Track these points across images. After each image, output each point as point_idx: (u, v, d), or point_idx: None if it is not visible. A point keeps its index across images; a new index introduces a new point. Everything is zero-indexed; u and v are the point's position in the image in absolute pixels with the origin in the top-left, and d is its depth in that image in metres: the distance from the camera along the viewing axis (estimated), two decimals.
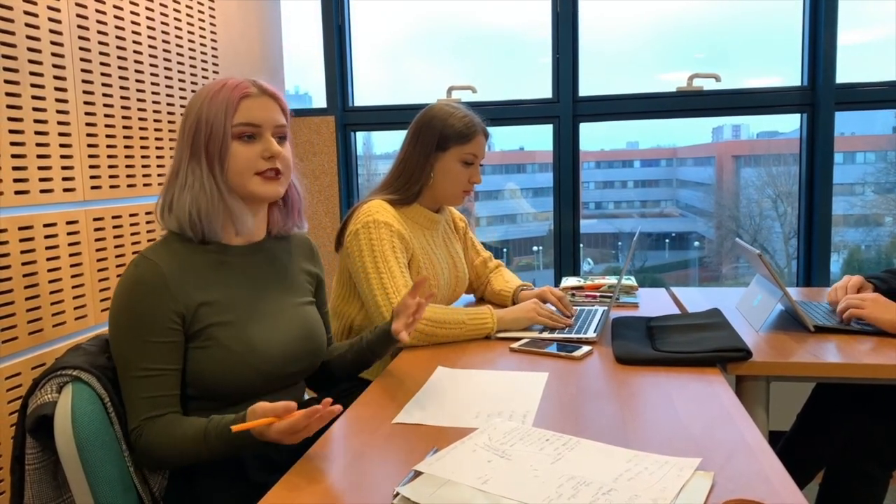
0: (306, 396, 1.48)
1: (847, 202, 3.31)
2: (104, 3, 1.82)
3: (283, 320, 1.32)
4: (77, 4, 1.72)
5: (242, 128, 1.24)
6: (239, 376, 1.23)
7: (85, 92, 1.74)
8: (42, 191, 1.61)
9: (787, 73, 2.91)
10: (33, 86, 1.58)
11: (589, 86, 2.97)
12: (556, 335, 1.68)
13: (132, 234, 1.91)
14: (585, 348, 1.56)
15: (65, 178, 1.68)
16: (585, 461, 0.98)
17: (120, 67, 1.88)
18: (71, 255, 1.69)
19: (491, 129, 1.93)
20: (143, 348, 1.16)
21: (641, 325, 1.73)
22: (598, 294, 2.11)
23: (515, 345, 1.61)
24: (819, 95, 2.77)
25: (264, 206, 1.35)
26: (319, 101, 3.18)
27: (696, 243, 3.96)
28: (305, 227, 1.47)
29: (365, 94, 3.21)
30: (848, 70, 2.74)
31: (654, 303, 2.07)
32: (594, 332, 1.68)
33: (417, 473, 0.96)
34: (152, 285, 1.18)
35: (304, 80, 3.33)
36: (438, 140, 1.83)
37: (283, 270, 1.38)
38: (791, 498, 0.88)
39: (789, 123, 3.02)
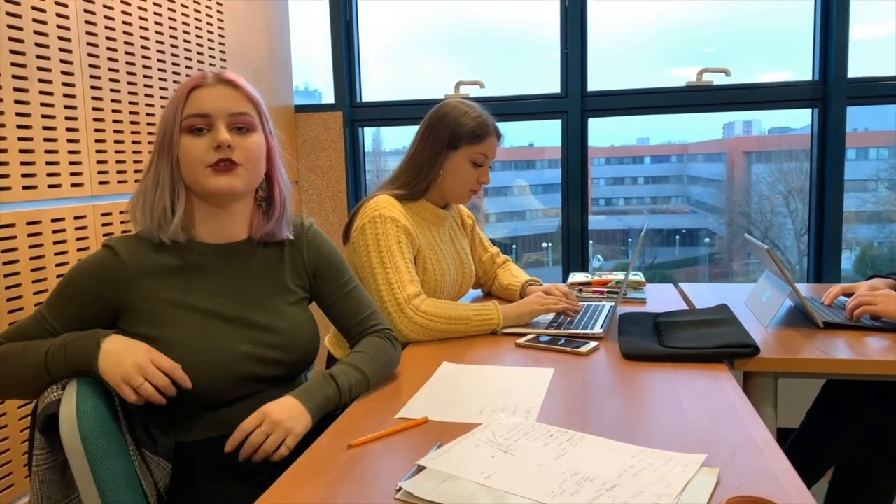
0: None
1: (859, 198, 3.27)
2: None
3: (256, 323, 1.26)
4: (85, 0, 1.72)
5: (190, 119, 1.20)
6: (208, 376, 1.19)
7: (93, 87, 1.75)
8: (50, 186, 1.62)
9: (798, 67, 2.88)
10: (41, 81, 1.59)
11: (598, 81, 2.96)
12: (562, 331, 1.67)
13: None
14: (592, 344, 1.55)
15: (73, 174, 1.69)
16: (589, 457, 0.98)
17: (128, 63, 1.88)
18: (79, 249, 1.70)
19: (499, 125, 1.90)
20: (56, 303, 1.19)
21: (648, 321, 1.72)
22: (605, 290, 2.10)
23: (521, 340, 1.61)
24: (830, 90, 2.74)
25: (239, 204, 1.28)
26: (328, 96, 3.18)
27: (707, 240, 3.94)
28: (285, 235, 1.34)
29: (373, 89, 3.21)
30: (860, 64, 2.71)
31: (661, 299, 2.06)
32: (601, 327, 1.67)
33: (421, 468, 0.96)
34: (102, 271, 1.19)
35: (313, 75, 3.34)
36: (450, 138, 1.82)
37: (262, 271, 1.32)
38: (797, 495, 0.87)
39: (801, 119, 3.00)
